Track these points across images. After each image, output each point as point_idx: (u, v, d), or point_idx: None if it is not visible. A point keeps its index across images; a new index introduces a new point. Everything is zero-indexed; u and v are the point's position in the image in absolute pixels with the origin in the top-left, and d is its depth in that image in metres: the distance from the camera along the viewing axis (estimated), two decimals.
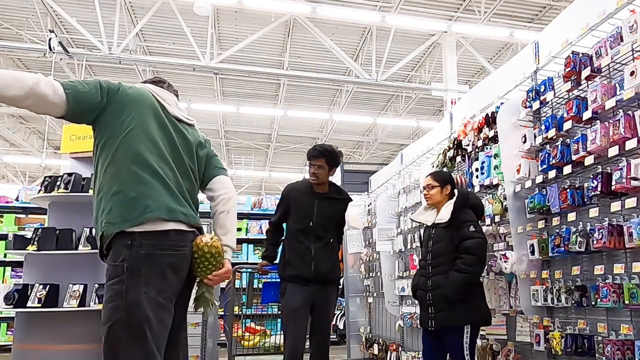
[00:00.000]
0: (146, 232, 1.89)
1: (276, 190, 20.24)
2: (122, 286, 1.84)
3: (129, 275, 1.85)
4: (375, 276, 6.26)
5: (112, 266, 1.88)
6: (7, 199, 8.07)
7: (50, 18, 10.39)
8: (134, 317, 1.83)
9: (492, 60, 11.91)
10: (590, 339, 2.64)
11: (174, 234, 1.95)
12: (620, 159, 2.49)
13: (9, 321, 7.27)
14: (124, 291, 1.84)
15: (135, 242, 1.87)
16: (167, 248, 1.93)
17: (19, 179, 19.14)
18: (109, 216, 1.91)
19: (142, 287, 1.85)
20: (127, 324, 1.82)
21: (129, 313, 1.83)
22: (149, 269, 1.88)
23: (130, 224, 1.88)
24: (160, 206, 1.93)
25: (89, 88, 1.96)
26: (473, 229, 3.00)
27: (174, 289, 1.96)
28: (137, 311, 1.84)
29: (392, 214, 5.73)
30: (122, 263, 1.86)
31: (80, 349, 3.64)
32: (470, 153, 3.99)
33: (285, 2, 9.38)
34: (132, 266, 1.86)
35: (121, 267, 1.86)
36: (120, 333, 1.82)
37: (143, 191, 1.92)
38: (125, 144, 1.96)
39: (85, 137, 4.16)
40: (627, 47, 2.48)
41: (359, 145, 18.15)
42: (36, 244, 3.82)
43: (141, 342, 1.83)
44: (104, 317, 1.86)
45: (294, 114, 14.10)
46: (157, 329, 1.88)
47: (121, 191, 1.91)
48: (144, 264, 1.87)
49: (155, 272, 1.89)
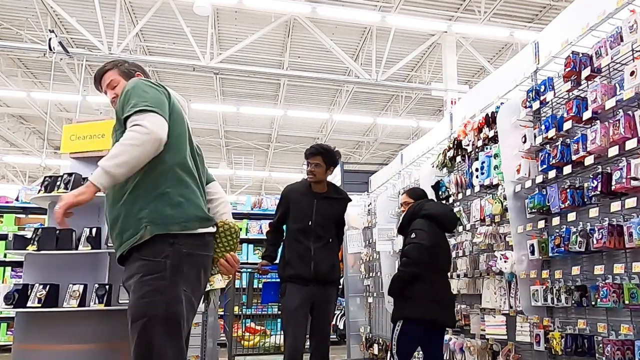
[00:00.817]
0: (187, 233, 1.93)
1: (276, 190, 20.23)
2: (162, 282, 1.83)
3: (170, 272, 1.85)
4: (375, 276, 6.26)
5: (152, 262, 1.86)
6: (7, 198, 8.06)
7: (50, 18, 10.39)
8: (172, 314, 1.84)
9: (492, 60, 11.91)
10: (590, 339, 2.65)
11: (207, 236, 2.02)
12: (620, 159, 2.49)
13: (9, 321, 7.27)
14: (165, 287, 1.83)
15: (177, 241, 1.89)
16: (202, 249, 1.98)
17: (19, 179, 19.15)
18: (153, 216, 1.89)
19: (182, 285, 1.87)
20: (164, 320, 1.82)
21: (168, 309, 1.82)
22: (190, 268, 1.91)
23: (178, 227, 1.90)
24: (200, 212, 1.99)
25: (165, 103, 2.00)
26: (413, 236, 3.32)
27: (202, 290, 2.01)
28: (176, 308, 1.84)
29: (392, 214, 5.73)
30: (165, 259, 1.85)
31: (81, 349, 3.63)
32: (470, 153, 4.00)
33: (285, 2, 9.38)
34: (175, 263, 1.86)
35: (163, 263, 1.85)
36: (157, 329, 1.80)
37: (188, 196, 1.96)
38: (173, 147, 1.98)
39: (85, 137, 4.15)
40: (627, 47, 2.48)
41: (359, 145, 18.14)
42: (36, 244, 3.82)
43: (176, 339, 1.84)
44: (136, 311, 1.83)
45: (294, 114, 14.10)
46: (186, 327, 1.92)
47: (168, 193, 1.92)
48: (185, 262, 1.89)
49: (193, 271, 1.93)
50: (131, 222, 1.91)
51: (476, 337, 3.67)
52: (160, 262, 1.85)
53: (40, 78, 13.05)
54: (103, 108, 13.80)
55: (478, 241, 3.65)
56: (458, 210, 4.12)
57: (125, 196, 1.94)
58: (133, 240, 1.88)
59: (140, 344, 1.80)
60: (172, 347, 1.83)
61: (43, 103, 12.98)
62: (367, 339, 6.34)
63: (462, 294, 4.07)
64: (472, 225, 3.87)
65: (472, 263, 3.87)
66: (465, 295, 4.04)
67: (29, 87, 12.99)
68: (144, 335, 1.80)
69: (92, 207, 4.02)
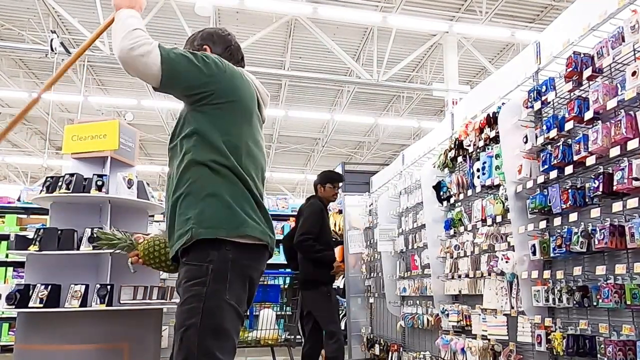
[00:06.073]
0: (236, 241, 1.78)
1: (277, 191, 20.25)
2: (202, 288, 1.70)
3: (212, 278, 1.71)
4: (376, 276, 6.26)
5: (195, 266, 1.74)
6: (9, 199, 8.08)
7: (51, 19, 10.41)
8: (214, 324, 1.69)
9: (493, 60, 11.91)
10: (591, 340, 2.64)
11: (262, 249, 1.86)
12: (622, 159, 2.48)
13: (10, 321, 7.28)
14: (204, 294, 1.70)
15: (224, 246, 1.75)
16: (251, 260, 1.82)
17: (21, 179, 19.18)
18: (200, 217, 1.75)
19: (224, 294, 1.72)
20: (202, 329, 1.68)
21: (205, 318, 1.68)
22: (234, 276, 1.75)
23: (224, 232, 1.75)
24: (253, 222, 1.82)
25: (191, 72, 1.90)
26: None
27: (246, 303, 1.84)
28: (214, 317, 1.70)
29: (393, 214, 5.74)
30: (208, 264, 1.72)
31: (82, 349, 3.64)
32: (471, 153, 3.99)
33: (287, 2, 9.39)
34: (218, 268, 1.73)
35: (206, 268, 1.72)
36: (193, 339, 1.66)
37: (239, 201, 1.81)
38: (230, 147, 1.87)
39: (87, 137, 4.16)
40: (628, 47, 2.47)
41: (360, 145, 18.15)
42: (38, 244, 3.82)
43: (218, 351, 1.69)
44: (178, 320, 1.72)
45: (295, 114, 14.10)
46: (233, 340, 1.76)
47: (218, 195, 1.78)
48: (230, 268, 1.74)
49: (239, 279, 1.77)
50: (180, 221, 1.79)
51: (477, 337, 3.66)
52: (203, 267, 1.72)
53: (42, 79, 13.07)
54: (105, 109, 13.84)
55: (479, 242, 3.65)
56: (459, 211, 4.12)
57: (180, 198, 1.82)
58: (180, 242, 1.77)
59: (179, 354, 1.69)
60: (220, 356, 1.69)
61: (45, 103, 13.00)
62: (369, 339, 6.34)
63: (463, 295, 4.07)
64: (474, 226, 3.87)
65: (473, 263, 3.87)
66: (467, 296, 4.04)
67: (30, 87, 13.01)
68: (182, 345, 1.68)
69: (94, 207, 4.03)
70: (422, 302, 4.91)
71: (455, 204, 4.24)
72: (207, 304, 1.69)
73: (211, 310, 1.69)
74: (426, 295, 4.77)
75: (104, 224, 3.87)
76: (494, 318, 3.48)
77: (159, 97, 13.11)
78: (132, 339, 3.81)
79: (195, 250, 1.76)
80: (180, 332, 1.69)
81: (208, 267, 1.72)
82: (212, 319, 1.69)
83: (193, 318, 1.68)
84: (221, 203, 1.78)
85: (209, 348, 1.67)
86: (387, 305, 5.68)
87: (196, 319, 1.68)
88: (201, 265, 1.73)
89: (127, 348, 3.75)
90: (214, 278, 1.72)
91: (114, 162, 4.14)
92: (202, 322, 1.68)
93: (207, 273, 1.72)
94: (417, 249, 5.06)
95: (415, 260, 5.08)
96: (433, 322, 4.52)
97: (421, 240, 4.92)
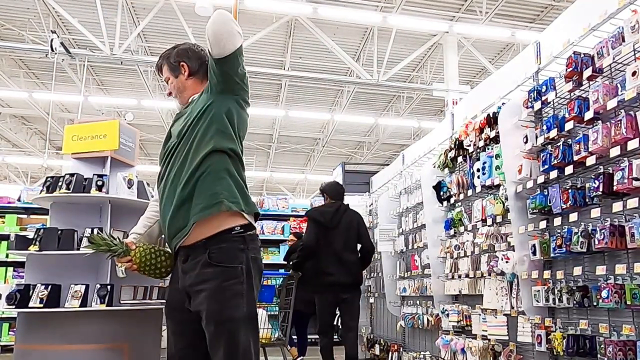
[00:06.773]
0: (250, 235, 2.04)
1: (277, 191, 20.25)
2: (242, 286, 1.97)
3: (246, 277, 1.99)
4: (376, 276, 6.27)
5: (229, 268, 1.97)
6: (9, 199, 8.08)
7: (52, 19, 10.41)
8: (253, 314, 2.01)
9: (493, 60, 11.90)
10: (592, 340, 2.64)
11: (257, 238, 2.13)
12: (622, 159, 2.49)
13: (11, 321, 7.29)
14: (244, 291, 1.97)
15: (246, 246, 2.01)
16: (259, 253, 2.11)
17: (21, 179, 19.18)
18: (228, 192, 2.00)
19: (254, 289, 2.02)
20: (248, 320, 1.97)
21: (249, 310, 1.98)
22: (256, 273, 2.06)
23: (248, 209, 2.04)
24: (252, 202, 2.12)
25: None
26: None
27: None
28: (254, 308, 2.02)
29: (393, 214, 5.74)
30: (240, 265, 1.99)
31: (82, 349, 3.64)
32: (471, 153, 3.99)
33: (287, 2, 9.39)
34: (248, 269, 2.00)
35: (240, 269, 1.98)
36: (242, 329, 1.94)
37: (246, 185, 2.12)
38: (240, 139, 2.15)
39: (87, 137, 4.15)
40: (628, 47, 2.47)
41: (360, 145, 18.14)
42: (38, 244, 3.82)
43: (255, 336, 2.00)
44: (223, 315, 1.93)
45: (296, 114, 14.10)
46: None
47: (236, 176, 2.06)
48: (252, 267, 2.03)
49: (258, 275, 2.08)
50: (204, 196, 1.98)
51: (477, 337, 3.66)
52: (237, 269, 1.98)
53: (42, 79, 13.08)
54: (105, 108, 13.84)
55: (479, 242, 3.65)
56: (459, 211, 4.12)
57: (201, 176, 2.00)
58: (206, 213, 1.96)
59: (231, 345, 1.91)
60: (254, 343, 1.98)
61: (45, 103, 13.01)
62: (369, 339, 6.34)
63: (463, 295, 4.07)
64: (474, 226, 3.87)
65: (473, 264, 3.87)
66: (467, 296, 4.04)
67: (30, 87, 13.01)
68: (232, 336, 1.92)
69: (94, 207, 4.03)
70: (422, 302, 4.91)
71: (456, 204, 4.25)
72: (247, 298, 1.97)
73: (250, 304, 1.98)
74: (426, 295, 4.77)
75: (104, 224, 3.86)
76: (494, 318, 3.48)
77: (159, 97, 13.12)
78: (132, 339, 3.81)
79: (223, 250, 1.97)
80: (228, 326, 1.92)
81: (241, 267, 1.99)
82: (252, 310, 2.01)
83: (238, 312, 1.94)
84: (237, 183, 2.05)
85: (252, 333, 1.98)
86: (387, 305, 5.68)
87: (241, 312, 1.94)
88: (235, 267, 1.98)
89: (127, 348, 3.74)
90: (247, 277, 1.99)
91: (114, 162, 4.14)
92: (246, 314, 1.96)
93: (242, 273, 1.99)
94: (417, 249, 5.06)
95: (416, 260, 5.08)
96: (433, 322, 4.53)
97: (421, 240, 4.93)
